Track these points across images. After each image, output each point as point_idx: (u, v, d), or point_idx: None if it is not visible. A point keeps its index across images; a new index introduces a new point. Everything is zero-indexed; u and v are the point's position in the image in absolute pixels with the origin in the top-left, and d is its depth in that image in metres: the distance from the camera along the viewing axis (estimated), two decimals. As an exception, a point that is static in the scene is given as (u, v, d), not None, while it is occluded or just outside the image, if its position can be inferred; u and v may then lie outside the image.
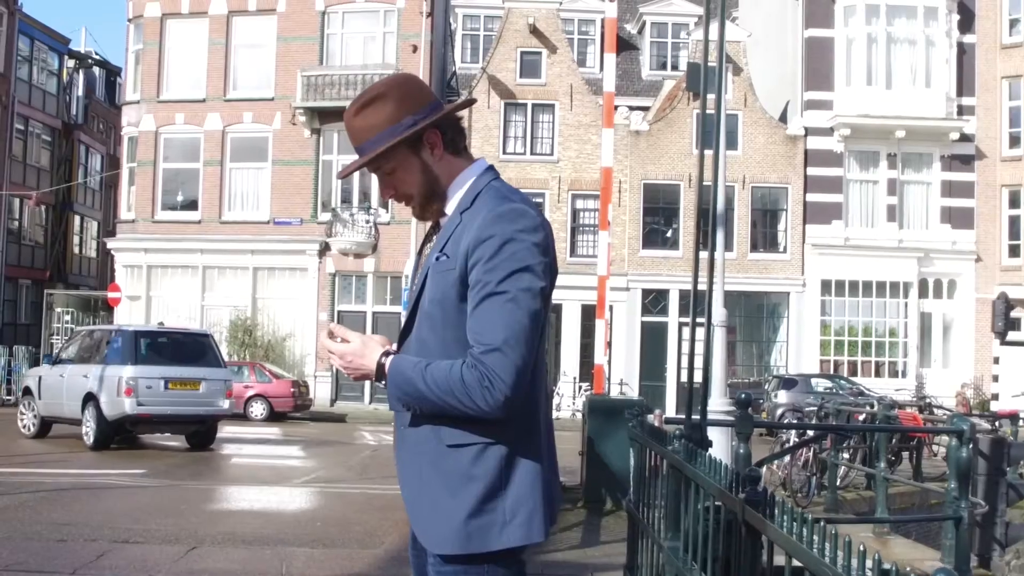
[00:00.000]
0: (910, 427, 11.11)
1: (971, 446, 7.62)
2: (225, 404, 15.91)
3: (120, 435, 15.47)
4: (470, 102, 2.68)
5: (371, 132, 2.39)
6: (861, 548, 2.25)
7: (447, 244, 2.36)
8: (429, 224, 2.57)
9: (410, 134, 2.38)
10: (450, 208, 2.44)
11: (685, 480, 4.27)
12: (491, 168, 2.48)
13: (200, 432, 16.07)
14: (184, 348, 16.08)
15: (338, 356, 2.40)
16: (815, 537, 2.46)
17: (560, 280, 2.43)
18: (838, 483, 11.49)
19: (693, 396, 5.31)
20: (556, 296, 2.64)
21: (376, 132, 2.39)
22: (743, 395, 6.27)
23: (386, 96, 2.41)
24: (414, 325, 2.43)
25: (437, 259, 2.37)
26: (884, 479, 9.38)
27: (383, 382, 2.36)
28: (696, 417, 5.26)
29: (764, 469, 9.69)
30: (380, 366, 2.35)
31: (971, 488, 7.99)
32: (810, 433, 10.89)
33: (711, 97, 6.14)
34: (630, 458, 5.75)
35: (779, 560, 2.70)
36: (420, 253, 2.55)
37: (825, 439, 10.41)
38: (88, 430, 15.06)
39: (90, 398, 15.02)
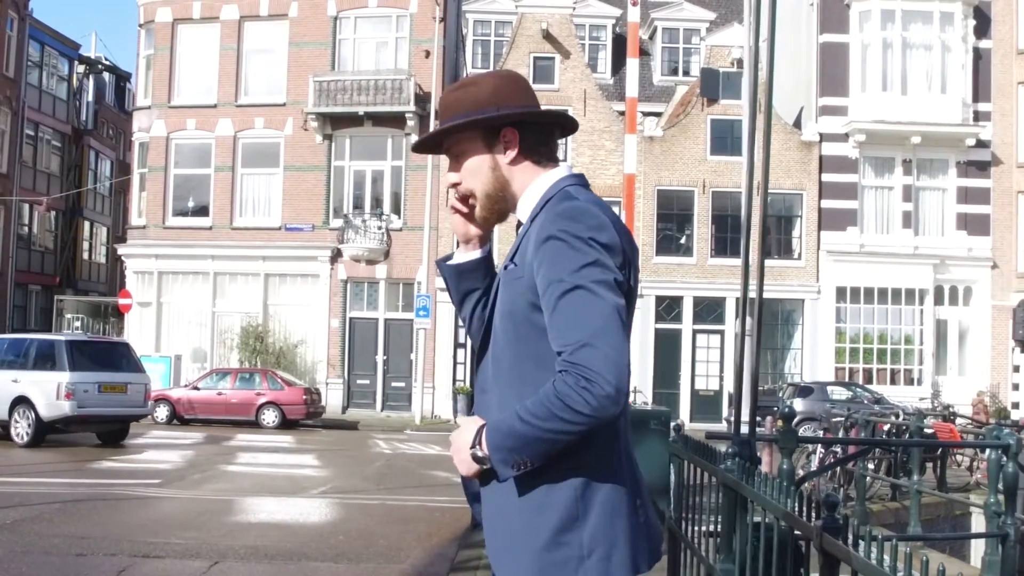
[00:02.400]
0: (955, 442, 10.88)
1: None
2: (147, 406, 18.31)
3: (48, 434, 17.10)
4: (567, 117, 2.41)
5: (455, 110, 2.30)
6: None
7: (516, 252, 2.22)
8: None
9: (483, 118, 2.26)
10: (523, 216, 2.29)
11: (740, 500, 4.10)
12: (573, 175, 2.30)
13: (115, 431, 18.01)
14: (109, 355, 17.87)
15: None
16: (915, 573, 2.31)
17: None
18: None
19: (740, 410, 5.13)
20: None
21: (460, 110, 2.29)
22: (787, 408, 6.10)
23: (483, 83, 2.32)
24: (489, 344, 2.28)
25: (506, 268, 2.23)
26: (917, 492, 9.18)
27: (481, 448, 2.11)
28: (745, 432, 5.07)
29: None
30: (478, 434, 2.13)
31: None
32: (838, 448, 10.66)
33: (755, 102, 5.96)
34: (670, 474, 5.56)
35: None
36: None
37: (870, 453, 10.18)
38: (20, 430, 16.68)
39: (21, 401, 16.64)
